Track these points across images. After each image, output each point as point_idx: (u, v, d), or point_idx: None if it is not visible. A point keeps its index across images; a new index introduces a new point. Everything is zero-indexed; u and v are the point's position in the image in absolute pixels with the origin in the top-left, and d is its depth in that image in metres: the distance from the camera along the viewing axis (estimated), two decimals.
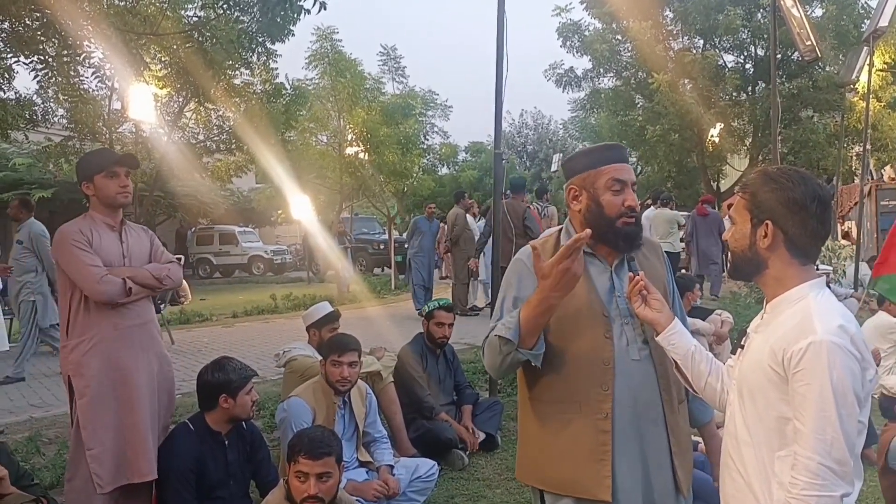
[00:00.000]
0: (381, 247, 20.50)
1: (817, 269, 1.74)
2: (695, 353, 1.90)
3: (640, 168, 18.88)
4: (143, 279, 3.17)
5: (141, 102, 8.19)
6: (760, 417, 1.63)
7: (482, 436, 4.96)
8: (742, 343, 1.77)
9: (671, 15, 15.48)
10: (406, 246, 12.20)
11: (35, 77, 6.57)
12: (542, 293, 1.95)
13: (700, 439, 2.52)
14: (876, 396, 6.15)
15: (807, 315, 1.57)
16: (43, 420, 5.46)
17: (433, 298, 5.34)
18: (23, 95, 9.39)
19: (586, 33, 16.02)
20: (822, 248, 10.05)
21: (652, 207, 12.32)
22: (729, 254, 1.77)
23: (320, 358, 4.46)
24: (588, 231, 1.90)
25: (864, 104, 11.34)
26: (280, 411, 3.83)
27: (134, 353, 3.14)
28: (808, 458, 1.50)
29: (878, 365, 6.13)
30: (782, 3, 8.08)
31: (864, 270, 10.40)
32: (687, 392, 2.05)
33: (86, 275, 3.03)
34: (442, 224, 12.13)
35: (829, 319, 1.55)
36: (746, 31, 14.94)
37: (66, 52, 6.33)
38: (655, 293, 1.98)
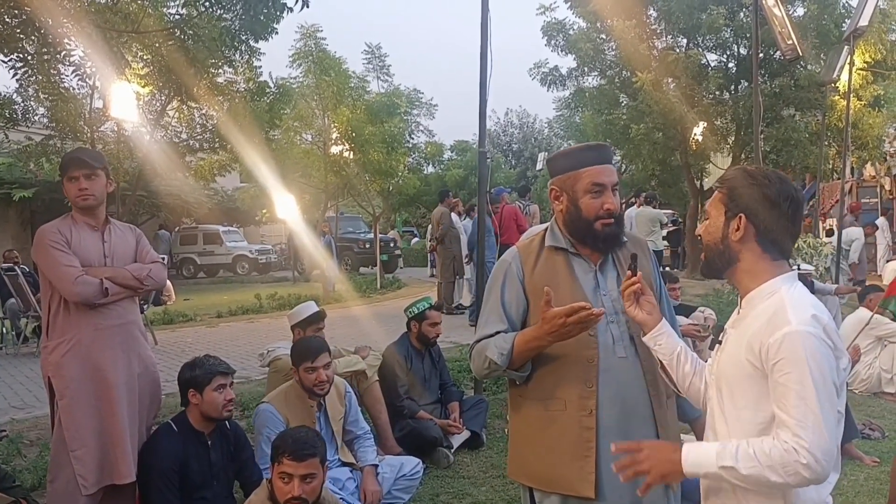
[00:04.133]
0: (367, 246, 20.46)
1: (798, 269, 1.77)
2: (680, 354, 1.92)
3: (624, 166, 18.96)
4: (122, 279, 3.13)
5: (123, 101, 8.13)
6: (738, 410, 1.65)
7: (467, 434, 4.97)
8: (720, 339, 1.79)
9: (655, 14, 15.53)
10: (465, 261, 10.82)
11: (14, 75, 6.47)
12: (538, 332, 2.03)
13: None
14: (857, 392, 6.23)
15: (780, 308, 1.60)
16: (24, 422, 5.40)
17: (415, 301, 5.29)
18: (2, 94, 9.29)
19: (571, 32, 16.04)
20: (805, 246, 10.15)
21: (635, 206, 12.40)
22: (702, 247, 1.79)
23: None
24: (602, 311, 1.98)
25: (844, 103, 11.45)
26: (254, 418, 3.81)
27: (113, 354, 3.10)
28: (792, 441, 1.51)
29: (857, 361, 6.21)
30: (764, 2, 8.14)
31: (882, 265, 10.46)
32: (678, 394, 2.07)
33: (61, 275, 3.00)
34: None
35: (801, 310, 1.58)
36: (729, 31, 15.02)
37: (46, 50, 6.24)
38: (649, 295, 2.00)
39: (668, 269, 12.72)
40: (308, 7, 5.53)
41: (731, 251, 1.71)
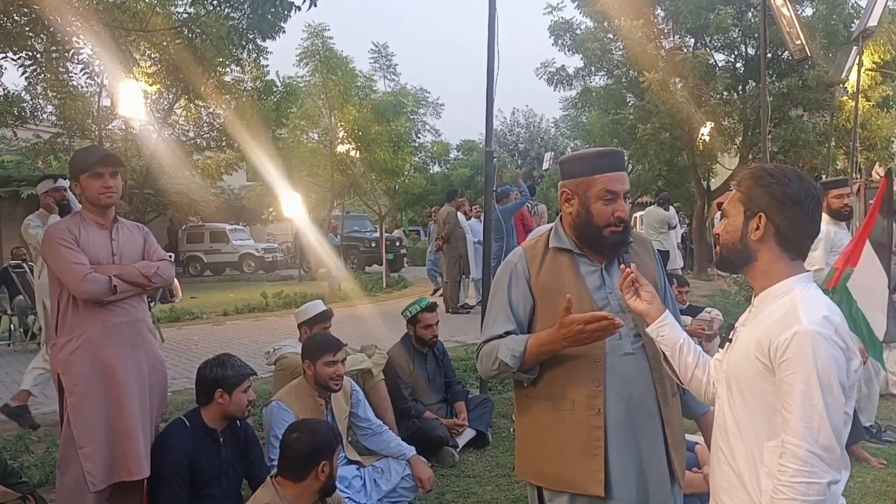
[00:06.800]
0: (373, 245, 20.48)
1: (812, 269, 1.76)
2: (683, 346, 1.93)
3: (631, 166, 18.94)
4: (131, 277, 3.15)
5: (130, 99, 8.13)
6: (749, 409, 1.66)
7: (472, 433, 4.96)
8: (730, 337, 1.79)
9: (662, 14, 15.52)
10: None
11: (23, 73, 6.49)
12: (553, 336, 2.04)
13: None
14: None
15: (792, 307, 1.60)
16: (32, 418, 5.43)
17: (411, 303, 5.27)
18: (11, 92, 9.31)
19: (578, 32, 16.05)
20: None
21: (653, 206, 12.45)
22: (718, 246, 1.79)
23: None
24: (621, 322, 1.98)
25: (853, 103, 11.40)
26: (265, 415, 3.82)
27: (122, 351, 3.11)
28: (796, 445, 1.52)
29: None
30: (772, 2, 8.10)
31: None
32: (681, 385, 2.07)
33: (70, 273, 3.02)
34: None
35: (813, 310, 1.58)
36: (737, 31, 15.00)
37: (54, 48, 6.26)
38: (647, 285, 2.01)
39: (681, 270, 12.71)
40: (316, 6, 5.53)
41: (749, 250, 1.71)
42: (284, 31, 6.87)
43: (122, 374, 3.10)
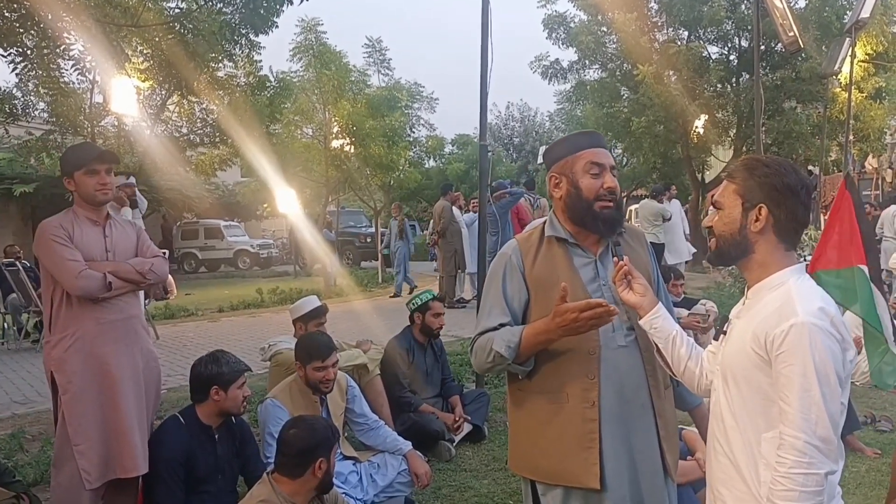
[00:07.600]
0: (368, 240, 20.46)
1: (805, 260, 1.77)
2: (676, 338, 1.93)
3: (625, 159, 18.96)
4: (125, 274, 3.13)
5: (123, 95, 8.08)
6: (745, 400, 1.66)
7: (468, 427, 4.97)
8: (724, 329, 1.79)
9: (656, 7, 15.53)
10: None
11: (14, 70, 6.45)
12: (548, 326, 2.03)
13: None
14: (858, 384, 6.23)
15: (788, 299, 1.60)
16: (26, 416, 5.42)
17: (417, 293, 5.32)
18: (2, 89, 9.28)
19: (572, 25, 16.03)
20: (807, 238, 10.15)
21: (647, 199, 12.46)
22: (713, 239, 1.78)
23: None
24: (616, 309, 1.97)
25: (846, 95, 11.42)
26: (260, 413, 3.81)
27: (116, 349, 3.10)
28: (794, 437, 1.52)
29: (859, 352, 6.19)
30: None
31: None
32: (674, 377, 2.07)
33: (64, 269, 3.00)
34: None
35: (809, 302, 1.58)
36: (730, 23, 15.02)
37: (45, 44, 6.22)
38: (640, 278, 2.01)
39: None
40: (308, 0, 5.51)
41: (748, 242, 1.70)
42: (277, 26, 6.86)
43: (117, 372, 3.08)
